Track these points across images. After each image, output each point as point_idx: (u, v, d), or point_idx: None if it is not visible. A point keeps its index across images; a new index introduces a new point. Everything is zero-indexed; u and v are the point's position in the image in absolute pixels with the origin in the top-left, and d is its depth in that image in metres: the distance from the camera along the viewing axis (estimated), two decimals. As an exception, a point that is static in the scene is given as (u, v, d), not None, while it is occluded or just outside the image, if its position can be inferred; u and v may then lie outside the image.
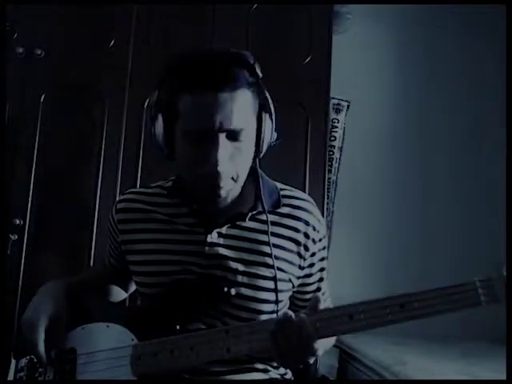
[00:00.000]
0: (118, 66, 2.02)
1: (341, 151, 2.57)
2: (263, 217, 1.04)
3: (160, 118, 0.98)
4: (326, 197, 2.06)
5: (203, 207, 1.04)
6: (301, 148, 2.04)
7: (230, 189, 0.98)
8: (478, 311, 0.82)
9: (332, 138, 2.55)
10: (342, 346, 2.18)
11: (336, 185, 2.55)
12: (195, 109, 0.93)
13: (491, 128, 2.61)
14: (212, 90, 0.91)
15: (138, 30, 2.05)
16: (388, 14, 2.62)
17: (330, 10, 2.17)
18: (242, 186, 1.03)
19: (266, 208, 1.03)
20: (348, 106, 2.58)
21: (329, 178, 2.48)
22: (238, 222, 1.04)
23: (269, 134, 1.02)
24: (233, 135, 0.95)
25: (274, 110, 1.02)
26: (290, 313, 0.87)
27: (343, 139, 2.58)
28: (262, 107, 1.00)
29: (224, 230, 1.04)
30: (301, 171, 2.03)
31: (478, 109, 2.67)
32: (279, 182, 1.14)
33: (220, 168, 0.93)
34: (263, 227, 1.04)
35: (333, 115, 2.56)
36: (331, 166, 2.53)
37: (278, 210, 1.06)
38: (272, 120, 1.02)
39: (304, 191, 2.01)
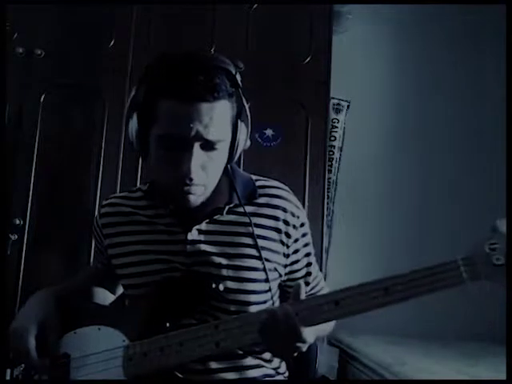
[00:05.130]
0: (117, 66, 2.02)
1: (341, 151, 2.57)
2: (241, 209, 1.05)
3: (135, 119, 0.97)
4: (326, 197, 2.06)
5: (179, 207, 1.04)
6: (301, 148, 2.04)
7: (199, 195, 0.99)
8: (477, 311, 0.82)
9: (332, 138, 2.55)
10: (341, 345, 2.18)
11: (336, 185, 2.55)
12: (173, 115, 0.92)
13: (491, 127, 2.60)
14: (192, 100, 0.90)
15: (138, 30, 2.05)
16: (388, 14, 2.62)
17: (330, 10, 2.17)
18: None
19: (241, 200, 1.05)
20: (348, 106, 2.58)
21: (329, 178, 2.48)
22: (215, 217, 1.05)
23: (243, 142, 1.03)
24: (208, 146, 0.95)
25: (251, 118, 1.02)
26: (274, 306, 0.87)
27: (343, 139, 2.58)
28: (239, 116, 1.00)
29: (203, 226, 1.04)
30: (301, 171, 2.03)
31: (478, 109, 2.67)
32: (279, 181, 1.14)
33: (192, 176, 0.94)
34: (242, 219, 1.05)
35: (333, 115, 2.56)
36: (331, 165, 2.53)
37: (255, 201, 1.07)
38: (247, 129, 1.03)
39: (304, 191, 2.05)
